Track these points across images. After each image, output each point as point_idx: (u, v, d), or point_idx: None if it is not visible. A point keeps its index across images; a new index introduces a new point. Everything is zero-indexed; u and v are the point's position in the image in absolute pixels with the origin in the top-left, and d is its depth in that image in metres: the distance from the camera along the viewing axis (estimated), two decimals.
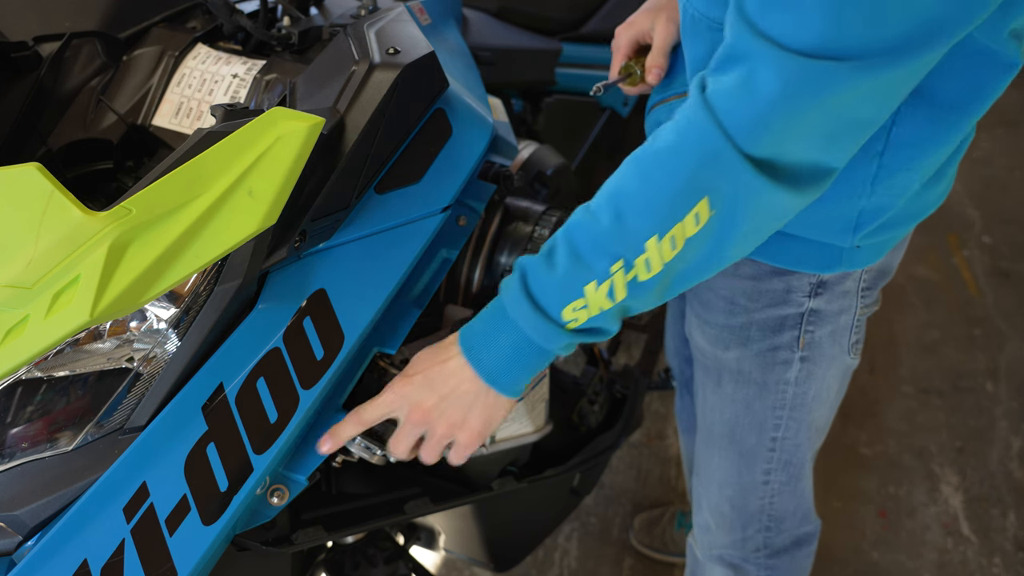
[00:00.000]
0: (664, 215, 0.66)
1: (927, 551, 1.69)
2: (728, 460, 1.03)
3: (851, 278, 0.90)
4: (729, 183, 0.63)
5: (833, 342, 0.93)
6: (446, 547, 1.26)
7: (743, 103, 0.61)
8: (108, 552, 0.66)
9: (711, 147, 0.62)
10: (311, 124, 0.69)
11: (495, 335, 0.73)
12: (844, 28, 0.56)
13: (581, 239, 0.69)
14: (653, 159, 0.67)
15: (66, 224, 0.62)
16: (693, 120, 0.64)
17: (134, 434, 0.68)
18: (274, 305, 0.73)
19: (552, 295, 0.70)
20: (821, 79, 0.59)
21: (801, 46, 0.58)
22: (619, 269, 0.68)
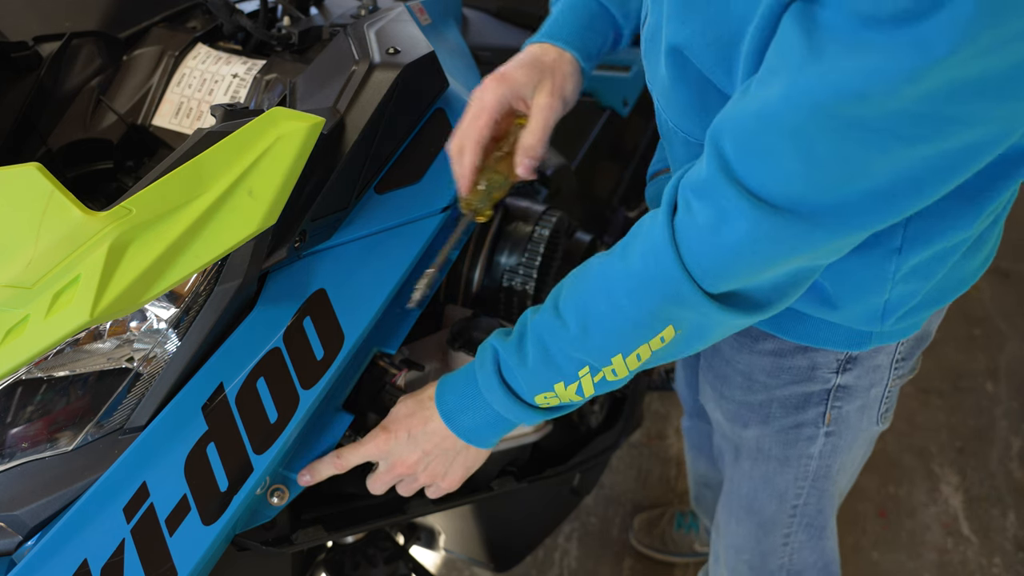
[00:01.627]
0: (629, 339, 0.65)
1: (927, 551, 1.69)
2: (746, 528, 0.99)
3: (884, 352, 0.83)
4: (693, 315, 0.62)
5: (862, 415, 0.88)
6: (446, 547, 1.26)
7: (709, 246, 0.58)
8: (108, 552, 0.66)
9: (675, 287, 0.61)
10: (311, 124, 0.69)
11: (471, 407, 0.74)
12: (819, 183, 0.52)
13: (550, 341, 0.68)
14: (621, 284, 0.64)
15: (66, 224, 0.62)
16: (660, 254, 0.61)
17: (134, 434, 0.68)
18: (274, 305, 0.73)
19: (523, 385, 0.71)
20: (792, 237, 0.55)
21: (774, 199, 0.54)
22: (586, 374, 0.68)
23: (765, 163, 0.54)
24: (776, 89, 0.51)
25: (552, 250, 1.04)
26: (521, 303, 1.02)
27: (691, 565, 1.65)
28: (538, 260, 1.00)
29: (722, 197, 0.56)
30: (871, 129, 0.48)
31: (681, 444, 1.89)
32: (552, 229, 1.02)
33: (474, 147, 0.75)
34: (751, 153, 0.54)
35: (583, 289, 0.67)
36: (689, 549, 1.64)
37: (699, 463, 1.45)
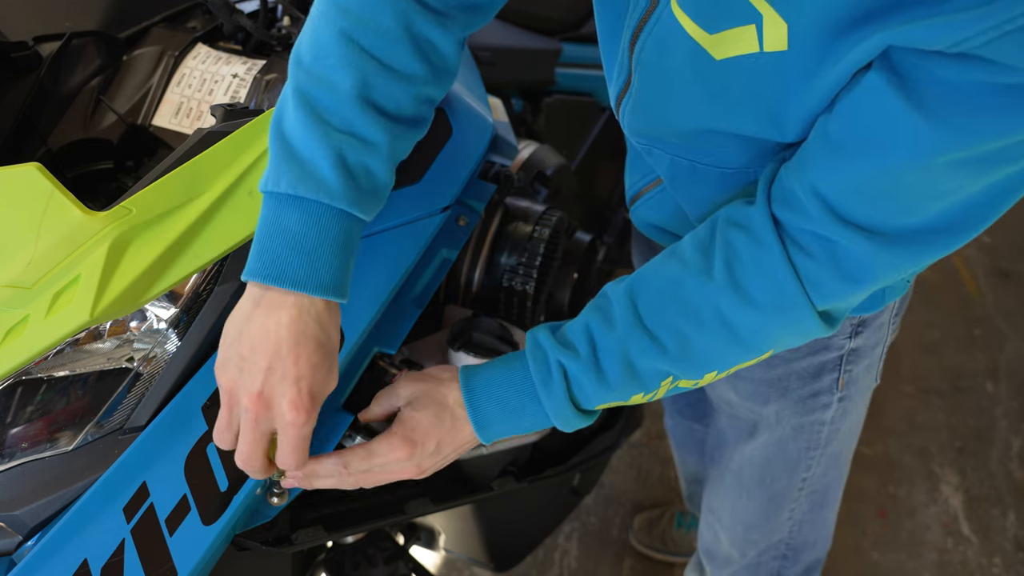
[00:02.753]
0: (734, 360, 0.66)
1: (927, 551, 1.69)
2: (756, 503, 1.01)
3: (887, 309, 0.87)
4: (799, 336, 0.65)
5: (867, 374, 0.91)
6: (446, 547, 1.26)
7: (836, 282, 0.61)
8: (108, 552, 0.66)
9: (798, 318, 0.63)
10: None
11: (514, 417, 0.70)
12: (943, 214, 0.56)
13: (641, 361, 0.66)
14: (743, 318, 0.63)
15: (66, 224, 0.62)
16: (787, 292, 0.61)
17: (134, 434, 0.68)
18: None
19: (596, 398, 0.68)
20: (909, 256, 0.59)
21: (896, 231, 0.57)
22: (668, 383, 0.68)
23: (888, 208, 0.56)
24: (891, 149, 0.53)
25: (552, 250, 1.04)
26: (521, 303, 1.02)
27: None
28: (538, 260, 1.00)
29: (842, 238, 0.58)
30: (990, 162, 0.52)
31: None
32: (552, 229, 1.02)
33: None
34: (872, 202, 0.56)
35: (686, 312, 0.65)
36: (689, 549, 1.64)
37: (688, 461, 1.45)
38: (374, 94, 0.60)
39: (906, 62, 0.49)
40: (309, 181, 0.58)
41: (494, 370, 0.70)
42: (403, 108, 0.63)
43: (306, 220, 0.59)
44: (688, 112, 0.65)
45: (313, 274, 0.59)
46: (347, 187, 0.59)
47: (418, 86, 0.63)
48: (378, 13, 0.60)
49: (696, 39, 0.58)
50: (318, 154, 0.58)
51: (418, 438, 0.69)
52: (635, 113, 0.71)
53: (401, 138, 0.63)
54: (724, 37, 0.56)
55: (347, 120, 0.59)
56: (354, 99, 0.59)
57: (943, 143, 0.50)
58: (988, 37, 0.44)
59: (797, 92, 0.56)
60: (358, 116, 0.60)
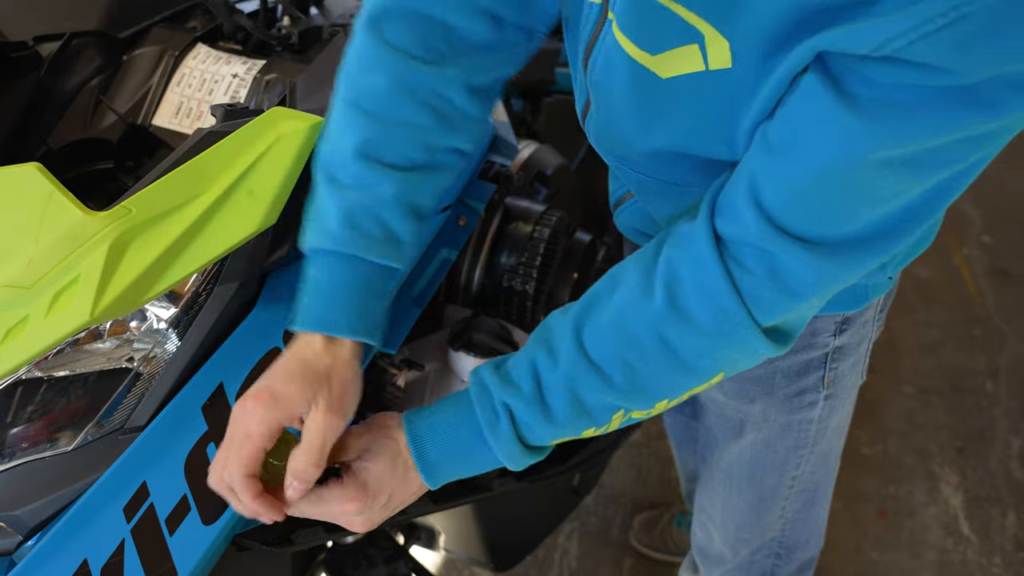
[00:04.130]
0: (682, 386, 0.65)
1: (927, 551, 1.69)
2: (747, 502, 1.01)
3: (872, 307, 0.87)
4: (748, 357, 0.64)
5: (853, 372, 0.92)
6: (446, 547, 1.26)
7: (776, 297, 0.60)
8: (108, 552, 0.66)
9: (743, 339, 0.61)
10: (311, 124, 0.69)
11: (461, 461, 0.67)
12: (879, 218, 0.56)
13: (587, 396, 0.64)
14: (684, 341, 0.62)
15: (66, 224, 0.62)
16: (727, 311, 0.60)
17: (134, 434, 0.68)
18: (274, 305, 0.73)
19: (545, 436, 0.66)
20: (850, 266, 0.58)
21: (833, 239, 0.57)
22: (619, 416, 0.66)
23: (825, 215, 0.56)
24: (825, 149, 0.52)
25: (552, 250, 1.04)
26: (521, 303, 1.02)
27: None
28: (538, 260, 1.00)
29: (780, 250, 0.58)
30: (925, 165, 0.52)
31: None
32: (552, 229, 1.02)
33: (243, 484, 0.62)
34: (809, 208, 0.56)
35: (628, 340, 0.63)
36: (689, 548, 1.64)
37: (687, 459, 1.45)
38: (374, 149, 0.65)
39: (839, 65, 0.49)
40: (322, 234, 0.65)
41: (440, 414, 0.67)
42: (412, 158, 0.66)
43: (319, 267, 0.65)
44: (640, 131, 0.64)
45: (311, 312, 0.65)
46: (353, 235, 0.64)
47: (425, 135, 0.67)
48: (373, 76, 0.65)
49: (639, 61, 0.58)
50: (330, 210, 0.65)
51: (371, 490, 0.66)
52: (596, 132, 0.72)
53: (415, 185, 0.67)
54: (668, 57, 0.56)
55: (353, 176, 0.65)
56: (356, 156, 0.65)
57: (875, 141, 0.50)
58: (909, 39, 0.44)
59: (745, 108, 0.56)
60: (361, 170, 0.65)
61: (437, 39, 0.66)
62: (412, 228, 0.68)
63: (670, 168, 0.68)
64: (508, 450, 0.66)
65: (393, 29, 0.65)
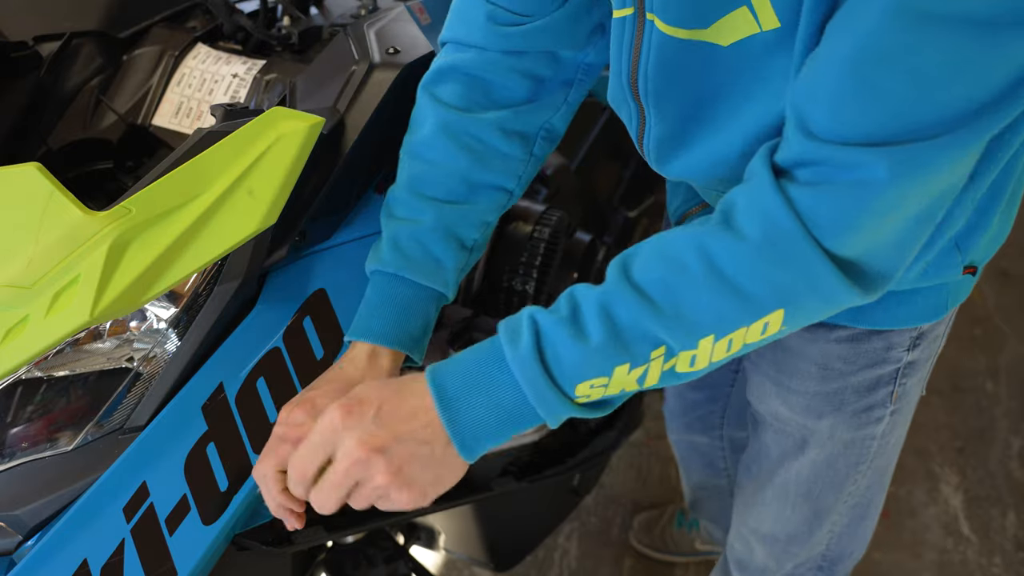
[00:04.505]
0: (730, 318, 0.56)
1: (927, 551, 1.69)
2: (801, 516, 0.99)
3: (945, 320, 0.84)
4: (812, 291, 0.56)
5: (917, 387, 0.89)
6: (446, 547, 1.26)
7: (835, 210, 0.53)
8: (108, 552, 0.66)
9: (801, 256, 0.54)
10: (311, 124, 0.69)
11: (480, 392, 0.59)
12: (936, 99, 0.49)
13: (624, 315, 0.57)
14: (729, 253, 0.55)
15: (66, 224, 0.62)
16: (777, 221, 0.54)
17: (134, 434, 0.68)
18: (274, 305, 0.73)
19: (572, 367, 0.58)
20: (923, 165, 0.52)
21: (893, 136, 0.51)
22: (659, 356, 0.58)
23: (873, 107, 0.50)
24: (861, 30, 0.48)
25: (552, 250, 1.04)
26: (521, 303, 1.02)
27: (691, 564, 1.65)
28: (538, 260, 1.00)
29: (832, 160, 0.52)
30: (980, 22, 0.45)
31: None
32: (552, 229, 1.02)
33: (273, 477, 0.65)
34: (853, 102, 0.51)
35: (670, 257, 0.57)
36: (690, 548, 1.64)
37: (692, 474, 1.45)
38: (420, 184, 0.75)
39: None
40: (375, 259, 0.74)
41: (463, 352, 0.62)
42: (453, 191, 0.75)
43: (372, 286, 0.74)
44: (709, 119, 0.64)
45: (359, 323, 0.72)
46: (397, 257, 0.73)
47: (464, 172, 0.75)
48: (422, 125, 0.76)
49: (697, 39, 0.59)
50: (383, 238, 0.74)
51: (356, 397, 0.60)
52: (660, 146, 0.70)
53: (456, 215, 0.75)
54: (721, 26, 0.57)
55: (403, 207, 0.75)
56: (405, 191, 0.75)
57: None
58: None
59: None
60: (409, 203, 0.75)
61: (478, 94, 0.76)
62: (453, 254, 0.75)
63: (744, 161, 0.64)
64: (527, 369, 0.57)
65: (442, 88, 0.76)
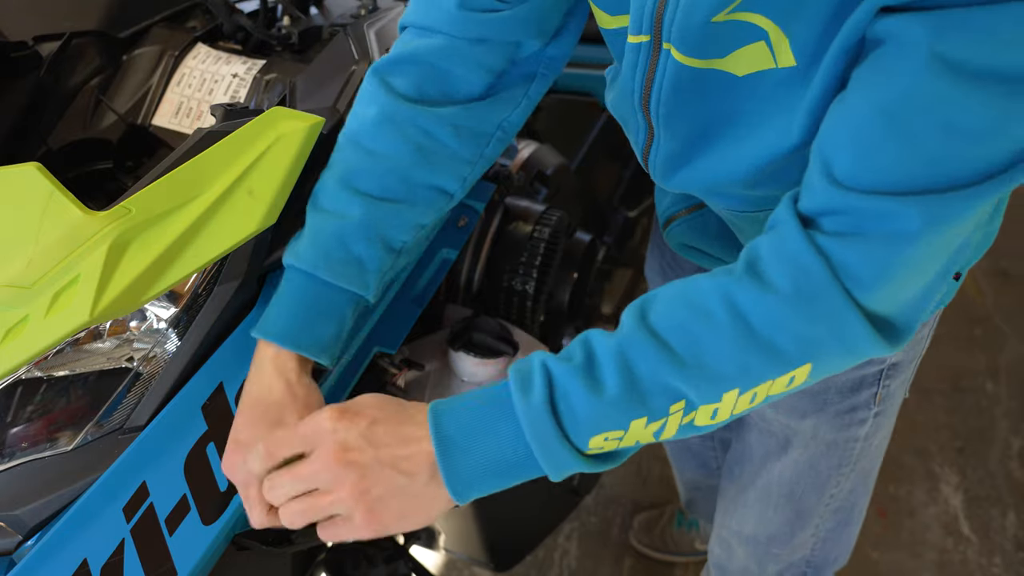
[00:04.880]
0: (757, 372, 0.54)
1: (927, 551, 1.69)
2: (783, 517, 0.98)
3: (928, 321, 0.81)
4: (840, 343, 0.54)
5: (901, 388, 0.88)
6: (446, 547, 1.26)
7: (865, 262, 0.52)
8: (108, 552, 0.66)
9: (832, 309, 0.52)
10: (311, 124, 0.69)
11: (484, 439, 0.55)
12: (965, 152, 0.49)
13: (642, 365, 0.54)
14: (757, 304, 0.53)
15: (66, 224, 0.62)
16: (809, 272, 0.52)
17: (134, 434, 0.68)
18: None
19: (587, 421, 0.54)
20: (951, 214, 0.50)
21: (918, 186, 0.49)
22: (679, 410, 0.55)
23: (907, 156, 0.49)
24: (897, 80, 0.47)
25: (552, 250, 1.04)
26: (521, 303, 1.02)
27: (691, 564, 1.65)
28: (538, 260, 1.00)
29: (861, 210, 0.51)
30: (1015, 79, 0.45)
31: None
32: (552, 229, 1.02)
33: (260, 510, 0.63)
34: (886, 151, 0.50)
35: (694, 306, 0.55)
36: (690, 548, 1.64)
37: (685, 472, 1.45)
38: (353, 177, 0.68)
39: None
40: (291, 253, 0.68)
41: (465, 395, 0.59)
42: (388, 188, 0.69)
43: (284, 281, 0.68)
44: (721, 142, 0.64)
45: (265, 320, 0.67)
46: (314, 254, 0.66)
47: (404, 168, 0.69)
48: (366, 108, 0.69)
49: (713, 67, 0.58)
50: (304, 232, 0.68)
51: (351, 409, 0.58)
52: (666, 163, 0.70)
53: (387, 214, 0.68)
54: (738, 57, 0.56)
55: (331, 200, 0.68)
56: (336, 183, 0.68)
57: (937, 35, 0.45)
58: None
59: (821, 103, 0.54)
60: (338, 196, 0.68)
61: (435, 86, 0.69)
62: (378, 256, 0.68)
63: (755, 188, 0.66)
64: (538, 424, 0.54)
65: (394, 75, 0.70)
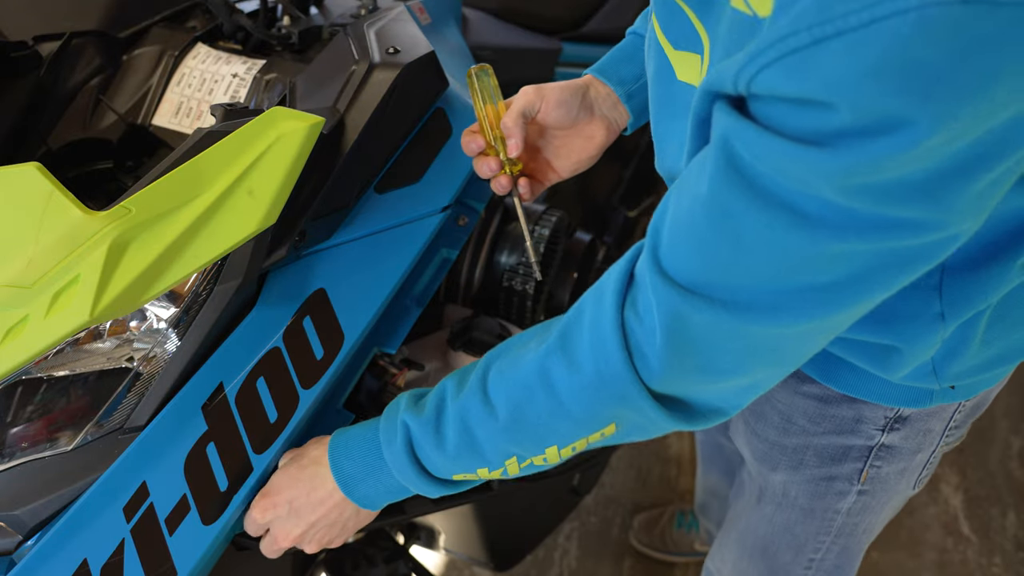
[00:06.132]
0: (568, 434, 0.61)
1: (927, 551, 1.69)
2: (757, 570, 0.95)
3: (938, 417, 0.76)
4: (642, 418, 0.59)
5: (900, 478, 0.82)
6: (446, 547, 1.26)
7: (656, 356, 0.54)
8: (108, 551, 0.66)
9: (624, 391, 0.56)
10: (311, 124, 0.69)
11: (372, 476, 0.68)
12: (752, 271, 0.48)
13: (476, 427, 0.63)
14: (566, 385, 0.58)
15: (66, 224, 0.62)
16: (611, 358, 0.56)
17: (134, 434, 0.68)
18: (274, 305, 0.73)
19: (441, 466, 0.66)
20: (731, 331, 0.51)
21: (709, 290, 0.50)
22: (512, 462, 0.64)
23: (699, 256, 0.50)
24: (702, 175, 0.47)
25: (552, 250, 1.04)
26: (521, 303, 1.02)
27: (691, 565, 1.65)
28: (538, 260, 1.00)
29: (663, 298, 0.52)
30: (795, 211, 0.44)
31: (681, 444, 1.89)
32: (552, 229, 1.03)
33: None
34: (685, 245, 0.51)
35: (519, 380, 0.62)
36: (689, 548, 1.64)
37: (710, 475, 1.42)
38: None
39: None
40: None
41: (358, 428, 0.70)
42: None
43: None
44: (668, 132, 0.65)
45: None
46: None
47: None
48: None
49: (667, 53, 0.59)
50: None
51: (272, 495, 0.70)
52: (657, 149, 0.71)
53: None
54: (682, 58, 0.57)
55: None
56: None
57: (740, 139, 0.44)
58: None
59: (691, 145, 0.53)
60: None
61: None
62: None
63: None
64: (403, 471, 0.66)
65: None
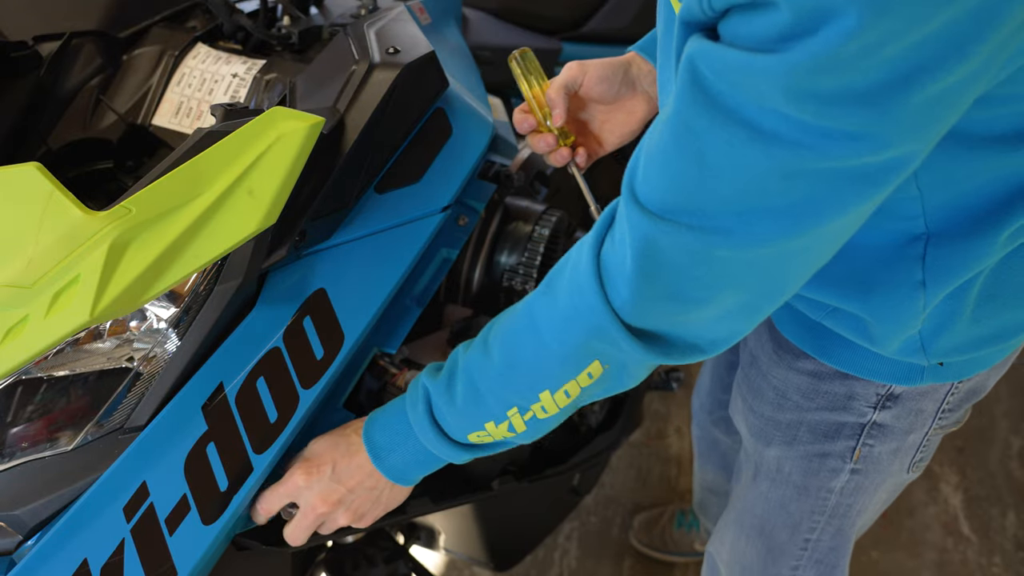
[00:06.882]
0: (556, 375, 0.64)
1: (927, 550, 1.69)
2: (755, 549, 0.96)
3: (931, 398, 0.76)
4: (617, 352, 0.60)
5: (893, 459, 0.82)
6: (446, 547, 1.26)
7: (620, 270, 0.56)
8: (108, 551, 0.66)
9: (598, 322, 0.58)
10: (311, 124, 0.69)
11: (400, 445, 0.72)
12: (717, 192, 0.49)
13: (479, 378, 0.67)
14: (545, 319, 0.62)
15: (66, 224, 0.62)
16: (584, 288, 0.58)
17: (134, 434, 0.68)
18: (274, 305, 0.73)
19: (455, 425, 0.69)
20: (701, 252, 0.52)
21: (676, 215, 0.51)
22: (515, 413, 0.67)
23: (666, 181, 0.51)
24: (673, 99, 0.49)
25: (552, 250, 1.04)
26: None
27: (691, 564, 1.65)
28: (538, 260, 1.00)
29: (630, 221, 0.53)
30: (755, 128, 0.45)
31: (681, 444, 1.89)
32: (552, 229, 1.02)
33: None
34: (655, 172, 0.52)
35: (511, 325, 0.66)
36: (689, 548, 1.64)
37: (707, 471, 1.43)
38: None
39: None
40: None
41: (390, 403, 0.74)
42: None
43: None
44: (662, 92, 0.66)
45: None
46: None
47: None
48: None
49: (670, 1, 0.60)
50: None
51: (315, 460, 0.73)
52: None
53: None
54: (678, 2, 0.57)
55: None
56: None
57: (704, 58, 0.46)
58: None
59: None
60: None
61: None
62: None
63: None
64: (425, 433, 0.70)
65: None
